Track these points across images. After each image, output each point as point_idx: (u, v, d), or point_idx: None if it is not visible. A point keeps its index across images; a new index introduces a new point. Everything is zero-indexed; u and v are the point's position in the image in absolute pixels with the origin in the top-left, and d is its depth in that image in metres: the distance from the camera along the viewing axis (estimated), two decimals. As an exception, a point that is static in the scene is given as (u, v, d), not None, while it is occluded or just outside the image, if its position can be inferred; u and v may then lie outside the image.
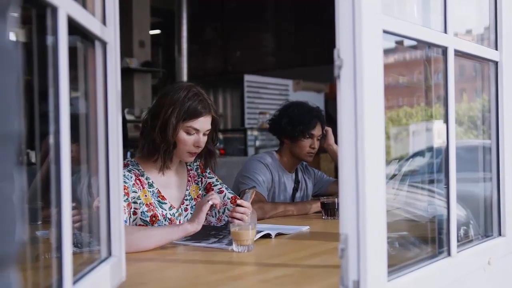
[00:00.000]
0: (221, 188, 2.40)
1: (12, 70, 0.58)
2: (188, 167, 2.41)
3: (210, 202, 1.99)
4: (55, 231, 1.03)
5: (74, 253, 1.08)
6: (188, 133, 2.19)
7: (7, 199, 0.58)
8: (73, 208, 1.08)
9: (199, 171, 2.42)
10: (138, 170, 2.22)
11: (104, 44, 1.35)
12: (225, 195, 2.37)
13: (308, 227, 2.37)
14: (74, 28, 1.11)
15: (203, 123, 2.21)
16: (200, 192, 2.38)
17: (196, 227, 1.95)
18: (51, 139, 1.01)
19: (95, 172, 1.40)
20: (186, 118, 2.17)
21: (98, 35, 1.29)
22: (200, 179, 2.41)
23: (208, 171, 2.43)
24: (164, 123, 2.15)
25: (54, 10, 0.99)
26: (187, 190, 2.35)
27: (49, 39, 1.02)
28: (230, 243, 1.92)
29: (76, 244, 1.31)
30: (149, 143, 2.20)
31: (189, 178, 2.38)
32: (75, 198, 1.13)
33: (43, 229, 1.40)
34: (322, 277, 1.56)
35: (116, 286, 1.38)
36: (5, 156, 0.58)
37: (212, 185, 2.40)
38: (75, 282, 1.10)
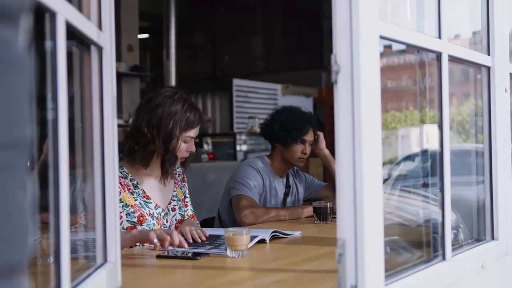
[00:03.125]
0: (187, 202, 2.51)
1: (25, 77, 0.58)
2: (173, 170, 2.47)
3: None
4: (53, 238, 1.02)
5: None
6: (185, 142, 2.29)
7: (19, 206, 0.57)
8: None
9: (181, 177, 2.51)
10: (121, 173, 2.24)
11: (100, 49, 1.34)
12: (187, 210, 2.47)
13: (300, 232, 2.37)
14: (71, 32, 1.11)
15: (197, 130, 2.34)
16: (183, 196, 2.48)
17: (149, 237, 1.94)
18: (50, 144, 1.00)
19: (89, 177, 1.39)
20: (186, 129, 2.27)
21: (94, 40, 1.29)
22: (182, 184, 2.51)
23: (185, 182, 2.53)
24: (168, 135, 2.23)
25: (53, 15, 0.99)
26: (174, 191, 2.42)
27: (47, 44, 1.01)
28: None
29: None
30: (149, 153, 2.25)
31: (176, 181, 2.46)
32: (70, 204, 1.12)
33: (39, 234, 1.39)
34: (318, 281, 1.56)
35: (111, 292, 1.37)
36: (17, 163, 0.57)
37: (185, 196, 2.51)
38: (72, 288, 1.09)
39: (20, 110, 0.58)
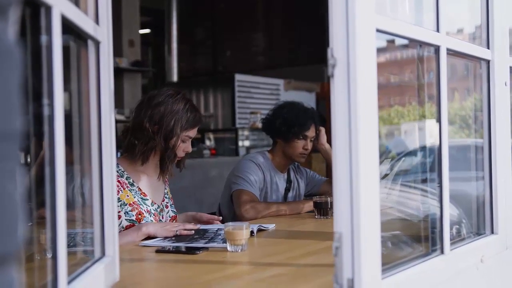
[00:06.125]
0: (172, 203, 2.51)
1: (14, 69, 0.59)
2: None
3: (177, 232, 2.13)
4: (49, 232, 1.02)
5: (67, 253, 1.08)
6: (183, 141, 2.32)
7: (10, 197, 0.58)
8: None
9: (167, 177, 2.52)
10: (117, 171, 2.25)
11: (97, 43, 1.34)
12: (168, 212, 2.46)
13: (274, 225, 2.39)
14: (67, 27, 1.11)
15: (196, 131, 2.37)
16: (171, 194, 2.52)
17: (153, 230, 2.10)
18: (46, 140, 1.01)
19: (87, 172, 1.40)
20: (187, 128, 2.30)
21: (91, 34, 1.29)
22: (168, 183, 2.54)
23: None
24: (168, 132, 2.26)
25: (48, 9, 0.99)
26: (165, 189, 2.47)
27: (43, 38, 1.01)
28: (225, 241, 1.91)
29: (69, 243, 1.31)
30: (149, 149, 2.28)
31: (166, 180, 2.49)
32: (68, 198, 1.12)
33: (36, 229, 1.39)
34: (316, 275, 1.56)
35: (109, 286, 1.37)
36: (8, 154, 0.58)
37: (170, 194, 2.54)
38: (69, 282, 1.10)
39: (10, 102, 0.58)
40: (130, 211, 2.22)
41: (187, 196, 5.31)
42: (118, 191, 2.21)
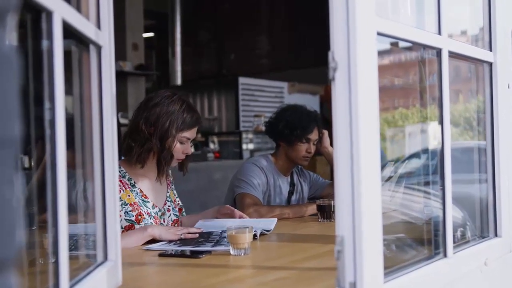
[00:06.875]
0: (174, 206, 2.50)
1: (12, 75, 0.59)
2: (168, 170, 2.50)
3: (182, 236, 2.14)
4: (51, 236, 1.02)
5: (70, 257, 1.08)
6: (181, 143, 2.31)
7: (7, 203, 0.58)
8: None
9: (171, 179, 2.53)
10: (120, 172, 2.26)
11: (98, 48, 1.35)
12: (170, 215, 2.45)
13: (275, 220, 2.40)
14: (69, 32, 1.11)
15: (195, 132, 2.36)
16: (175, 197, 2.51)
17: (159, 233, 2.10)
18: (47, 144, 1.01)
19: (90, 177, 1.40)
20: (183, 129, 2.29)
21: (93, 39, 1.29)
22: (173, 186, 2.54)
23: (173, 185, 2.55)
24: (164, 133, 2.26)
25: (49, 14, 0.99)
26: (167, 192, 2.46)
27: (44, 43, 1.02)
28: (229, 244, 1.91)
29: (71, 247, 1.31)
30: (146, 151, 2.27)
31: (168, 183, 2.49)
32: (70, 203, 1.13)
33: (40, 234, 1.39)
34: (319, 279, 1.56)
35: (112, 291, 1.37)
36: (5, 160, 0.58)
37: (175, 198, 2.52)
38: (71, 286, 1.10)
39: (8, 108, 0.58)
40: (130, 211, 2.23)
41: (191, 199, 5.32)
42: (120, 190, 2.21)
